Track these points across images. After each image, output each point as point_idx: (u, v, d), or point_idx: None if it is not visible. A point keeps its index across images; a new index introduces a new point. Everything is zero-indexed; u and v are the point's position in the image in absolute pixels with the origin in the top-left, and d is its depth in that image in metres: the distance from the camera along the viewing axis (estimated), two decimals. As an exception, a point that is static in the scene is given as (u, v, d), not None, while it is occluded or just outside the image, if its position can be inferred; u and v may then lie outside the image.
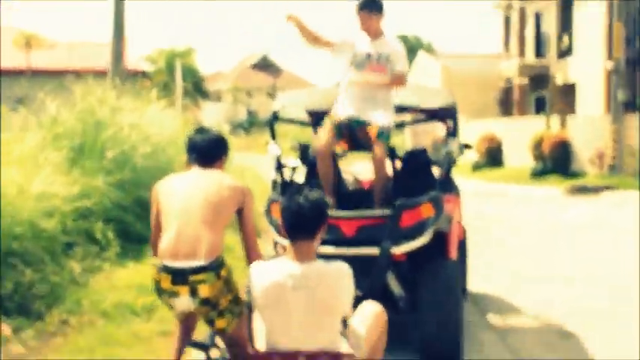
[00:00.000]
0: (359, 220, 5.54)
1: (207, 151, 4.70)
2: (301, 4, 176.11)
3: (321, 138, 6.23)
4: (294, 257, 3.97)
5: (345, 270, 4.00)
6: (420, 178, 6.95)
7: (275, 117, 6.76)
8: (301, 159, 7.52)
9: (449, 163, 6.50)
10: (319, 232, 4.03)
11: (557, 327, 7.40)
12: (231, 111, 69.91)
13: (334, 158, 6.69)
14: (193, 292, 4.20)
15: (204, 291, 4.19)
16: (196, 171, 4.64)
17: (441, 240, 6.02)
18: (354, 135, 6.24)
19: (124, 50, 15.18)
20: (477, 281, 8.85)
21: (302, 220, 3.94)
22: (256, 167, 21.26)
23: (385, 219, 5.72)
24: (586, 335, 7.02)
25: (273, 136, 6.75)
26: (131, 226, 9.98)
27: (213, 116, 67.10)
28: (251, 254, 4.56)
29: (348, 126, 6.17)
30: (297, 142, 8.24)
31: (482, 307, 8.12)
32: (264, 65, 74.28)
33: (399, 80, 6.21)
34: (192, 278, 4.17)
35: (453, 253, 6.30)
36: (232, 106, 70.07)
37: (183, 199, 4.41)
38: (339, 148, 6.57)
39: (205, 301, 4.23)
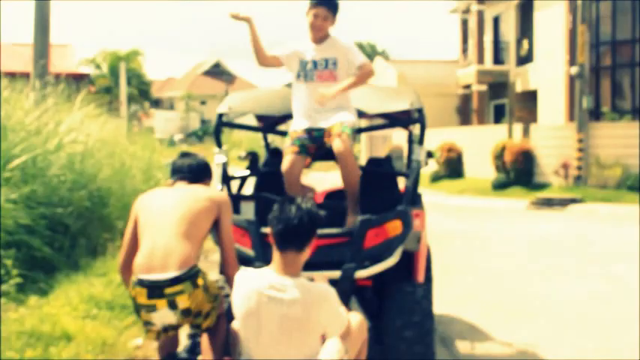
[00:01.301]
0: (319, 239, 4.54)
1: (192, 172, 4.82)
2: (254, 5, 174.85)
3: (284, 159, 5.53)
4: (279, 268, 3.95)
5: (327, 293, 3.95)
6: (384, 190, 6.34)
7: (220, 121, 6.07)
8: (250, 169, 6.83)
9: (417, 173, 5.79)
10: (309, 244, 3.99)
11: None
12: (185, 119, 69.69)
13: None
14: (172, 304, 4.15)
15: (183, 302, 4.16)
16: (179, 185, 4.75)
17: (407, 261, 5.53)
18: (320, 145, 5.58)
19: (49, 49, 13.60)
20: (444, 312, 7.58)
21: (294, 229, 3.90)
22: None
23: (347, 238, 5.16)
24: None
25: (219, 143, 6.08)
26: (38, 252, 8.41)
27: (166, 124, 66.66)
28: (227, 267, 4.61)
29: (310, 138, 5.55)
30: (244, 151, 7.41)
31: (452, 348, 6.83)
32: (217, 72, 74.37)
33: (366, 73, 5.49)
34: (169, 290, 4.14)
35: (421, 276, 5.76)
36: (185, 114, 69.66)
37: (158, 213, 4.44)
38: (303, 163, 5.70)
39: (187, 312, 4.20)
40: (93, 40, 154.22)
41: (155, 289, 4.14)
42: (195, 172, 4.84)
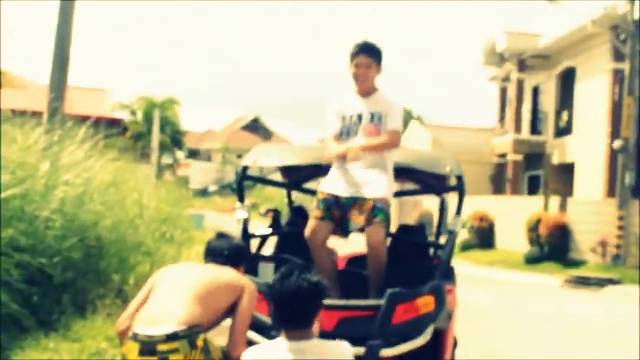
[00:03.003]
0: (341, 310, 4.47)
1: (225, 257, 4.39)
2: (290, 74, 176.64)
3: (308, 224, 5.19)
4: (289, 338, 3.56)
5: (346, 349, 3.67)
6: (416, 261, 5.90)
7: (244, 174, 5.70)
8: (272, 227, 6.43)
9: (452, 245, 5.34)
10: (315, 318, 3.62)
11: None
12: (220, 171, 70.34)
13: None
14: None
15: None
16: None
17: (435, 339, 4.89)
18: (345, 213, 5.15)
19: (65, 87, 12.48)
20: None
21: (295, 307, 3.52)
22: (232, 229, 18.59)
23: (374, 311, 4.68)
24: None
25: (241, 197, 5.70)
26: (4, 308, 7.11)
27: (202, 175, 67.43)
28: (233, 346, 3.97)
29: (337, 203, 5.14)
30: (267, 208, 7.06)
31: None
32: (255, 127, 75.09)
33: (393, 139, 5.13)
34: (162, 347, 3.65)
35: (447, 356, 5.25)
36: (221, 166, 70.11)
37: (176, 276, 4.13)
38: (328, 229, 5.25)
39: None
40: (131, 89, 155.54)
41: (148, 345, 3.67)
42: (228, 257, 4.40)
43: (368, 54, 5.18)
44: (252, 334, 4.65)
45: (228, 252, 4.42)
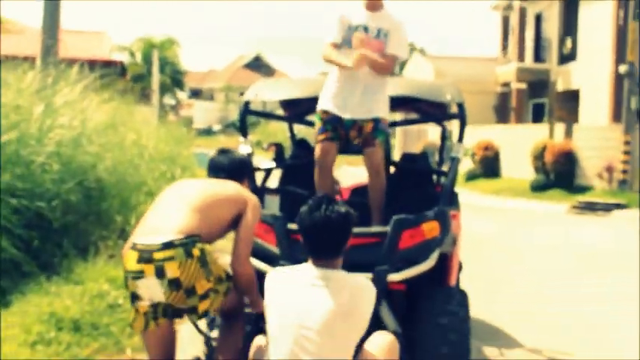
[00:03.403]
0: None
1: (227, 171, 4.34)
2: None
3: (317, 146, 5.10)
4: (316, 265, 3.53)
5: (370, 285, 3.61)
6: (420, 188, 5.86)
7: (246, 109, 5.63)
8: (276, 161, 6.36)
9: (455, 171, 5.30)
10: (344, 248, 3.58)
11: None
12: (224, 110, 70.38)
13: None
14: (159, 272, 3.58)
15: (171, 270, 3.58)
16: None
17: (440, 264, 4.93)
18: (348, 134, 5.10)
19: (58, 29, 12.17)
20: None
21: (325, 238, 3.50)
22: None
23: (381, 238, 4.66)
24: None
25: (244, 133, 5.62)
26: (5, 253, 6.95)
27: (205, 115, 67.38)
28: (237, 261, 3.94)
29: (340, 123, 5.04)
30: (269, 142, 7.26)
31: None
32: (257, 65, 74.72)
33: (388, 64, 5.00)
34: (158, 255, 3.59)
35: (453, 280, 5.31)
36: (224, 106, 69.93)
37: (179, 190, 4.07)
38: (336, 151, 5.20)
39: (175, 283, 3.59)
40: (132, 31, 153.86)
41: (145, 253, 3.63)
42: (231, 170, 4.35)
43: None
44: (260, 264, 4.65)
45: (230, 166, 4.38)
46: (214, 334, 4.62)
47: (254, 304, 4.11)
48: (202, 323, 4.39)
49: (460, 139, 5.51)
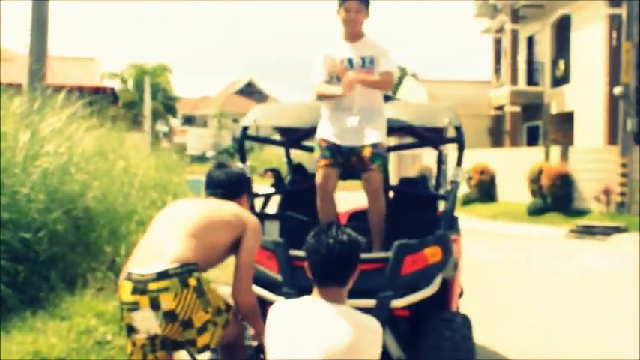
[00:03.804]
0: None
1: (224, 187, 4.13)
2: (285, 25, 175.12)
3: (318, 173, 5.11)
4: (322, 296, 3.36)
5: (378, 327, 3.37)
6: (420, 212, 5.82)
7: (245, 134, 5.61)
8: (275, 187, 6.32)
9: (455, 195, 5.32)
10: (352, 276, 3.42)
11: None
12: (217, 136, 70.66)
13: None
14: (154, 304, 3.42)
15: (166, 301, 3.42)
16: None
17: (443, 289, 4.90)
18: (347, 161, 5.15)
19: (47, 54, 11.89)
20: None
21: (333, 264, 3.33)
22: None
23: (383, 264, 4.61)
24: None
25: (243, 158, 5.63)
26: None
27: (199, 141, 67.42)
28: (238, 291, 3.76)
29: (339, 150, 5.09)
30: (265, 168, 7.24)
31: None
32: (250, 91, 75.21)
33: (387, 79, 5.05)
34: (153, 286, 3.43)
35: (455, 304, 5.29)
36: (218, 132, 70.22)
37: (173, 213, 3.89)
38: (337, 177, 5.23)
39: (171, 315, 3.42)
40: (124, 58, 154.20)
41: (140, 283, 3.47)
42: (228, 186, 4.16)
43: (357, 2, 5.08)
44: (262, 291, 4.62)
45: (227, 182, 4.18)
46: None
47: (258, 333, 3.90)
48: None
49: (459, 163, 5.52)
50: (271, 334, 3.41)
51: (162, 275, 3.45)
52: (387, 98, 5.72)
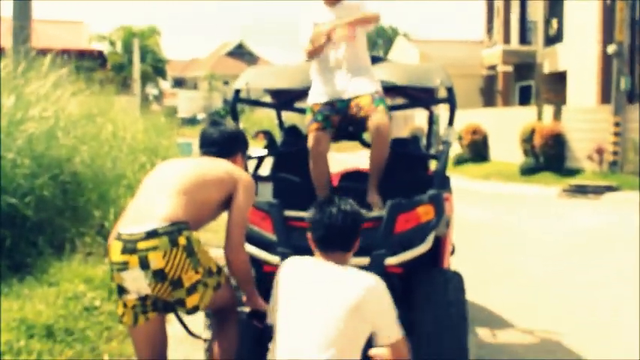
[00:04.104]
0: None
1: (218, 145, 4.06)
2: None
3: (310, 136, 5.16)
4: (327, 259, 3.51)
5: (382, 285, 3.43)
6: (412, 172, 5.87)
7: (237, 97, 5.67)
8: (268, 148, 6.27)
9: (446, 155, 5.37)
10: (354, 245, 3.60)
11: None
12: (208, 99, 70.01)
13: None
14: (143, 263, 3.37)
15: (155, 260, 3.36)
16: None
17: (436, 247, 4.98)
18: (344, 116, 5.16)
19: (30, 15, 11.66)
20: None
21: (338, 233, 3.50)
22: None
23: (377, 223, 4.65)
24: None
25: (236, 120, 5.67)
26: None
27: (189, 104, 67.13)
28: (230, 248, 3.70)
29: (333, 109, 5.14)
30: (257, 130, 6.98)
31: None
32: (240, 53, 74.53)
33: (372, 15, 5.10)
34: (142, 245, 3.38)
35: (447, 262, 5.38)
36: (208, 94, 69.52)
37: (164, 172, 3.81)
38: (329, 139, 5.26)
39: (160, 275, 3.37)
40: (113, 21, 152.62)
41: (129, 243, 3.42)
42: (222, 144, 4.07)
43: None
44: (258, 251, 4.69)
45: (221, 140, 4.10)
46: (206, 334, 4.47)
47: (249, 297, 3.86)
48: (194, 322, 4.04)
49: (450, 123, 5.52)
50: (280, 293, 3.49)
51: (152, 234, 3.41)
52: (377, 59, 5.80)
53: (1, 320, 5.36)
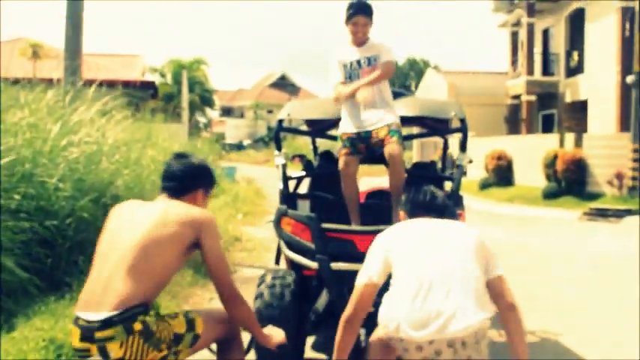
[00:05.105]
0: (374, 234, 4.09)
1: (177, 181, 3.57)
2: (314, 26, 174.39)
3: (340, 160, 5.55)
4: None
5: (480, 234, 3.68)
6: None
7: (280, 126, 5.95)
8: (305, 170, 6.75)
9: (460, 176, 5.63)
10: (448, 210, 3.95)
11: None
12: (253, 126, 71.05)
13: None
14: (103, 353, 3.10)
15: (114, 351, 3.09)
16: (159, 201, 3.55)
17: None
18: (368, 147, 5.52)
19: (80, 48, 11.58)
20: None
21: (433, 202, 3.89)
22: (263, 179, 19.94)
23: None
24: None
25: (279, 147, 5.99)
26: (10, 275, 6.26)
27: (236, 131, 67.56)
28: (226, 304, 3.37)
29: (359, 138, 5.49)
30: (291, 154, 7.59)
31: None
32: (283, 84, 75.15)
33: (387, 69, 5.43)
34: (99, 334, 3.09)
35: None
36: (253, 122, 69.81)
37: (114, 235, 3.37)
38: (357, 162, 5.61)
39: None
40: (165, 53, 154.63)
41: (86, 331, 3.13)
42: (181, 179, 3.58)
43: (364, 14, 5.45)
44: (299, 257, 5.06)
45: (182, 174, 3.59)
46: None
47: (260, 338, 3.55)
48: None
49: (463, 149, 5.77)
50: (398, 248, 3.60)
51: (107, 323, 3.12)
52: (400, 94, 6.17)
53: (32, 339, 5.11)
